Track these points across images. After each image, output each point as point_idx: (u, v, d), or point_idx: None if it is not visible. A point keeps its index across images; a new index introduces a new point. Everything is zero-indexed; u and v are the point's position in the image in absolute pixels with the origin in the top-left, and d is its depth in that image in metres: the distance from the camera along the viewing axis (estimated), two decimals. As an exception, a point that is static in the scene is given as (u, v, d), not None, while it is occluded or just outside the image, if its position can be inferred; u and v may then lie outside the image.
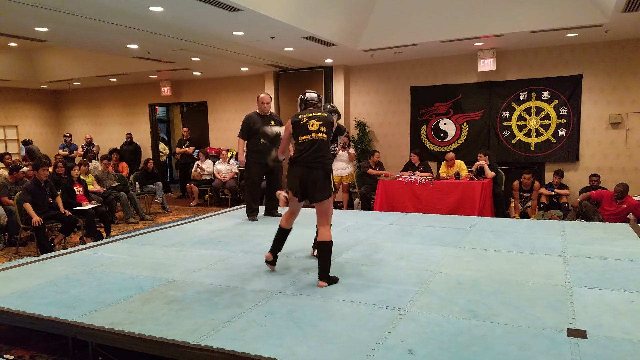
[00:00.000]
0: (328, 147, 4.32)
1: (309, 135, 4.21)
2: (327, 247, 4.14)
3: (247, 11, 6.19)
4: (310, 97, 4.52)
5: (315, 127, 4.23)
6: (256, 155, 6.81)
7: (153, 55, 9.46)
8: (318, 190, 4.16)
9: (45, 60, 12.21)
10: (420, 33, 8.32)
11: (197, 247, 5.52)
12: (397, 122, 10.69)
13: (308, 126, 4.23)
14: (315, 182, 4.15)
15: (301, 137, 4.23)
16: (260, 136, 4.93)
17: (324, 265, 4.15)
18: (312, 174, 4.16)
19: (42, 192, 6.95)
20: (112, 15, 6.43)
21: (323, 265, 4.14)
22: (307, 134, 4.21)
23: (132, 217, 9.10)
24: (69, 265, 4.89)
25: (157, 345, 3.11)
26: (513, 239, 5.57)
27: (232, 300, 3.78)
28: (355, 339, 3.06)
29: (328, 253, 4.15)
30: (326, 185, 4.18)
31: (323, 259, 4.14)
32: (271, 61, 10.21)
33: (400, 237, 5.81)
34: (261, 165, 6.84)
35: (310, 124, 4.23)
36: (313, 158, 4.17)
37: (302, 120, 4.27)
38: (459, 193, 8.18)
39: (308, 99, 4.52)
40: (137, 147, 13.35)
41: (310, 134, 4.21)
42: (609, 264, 4.52)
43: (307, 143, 4.20)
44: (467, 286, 3.99)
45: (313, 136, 4.20)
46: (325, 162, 4.23)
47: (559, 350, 2.85)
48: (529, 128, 9.38)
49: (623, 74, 8.66)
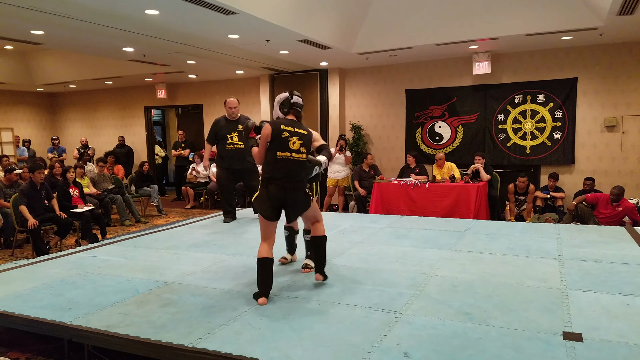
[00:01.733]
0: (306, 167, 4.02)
1: (289, 153, 3.85)
2: (324, 241, 4.15)
3: (242, 14, 6.20)
4: (297, 102, 4.06)
5: (296, 146, 3.87)
6: (222, 160, 6.84)
7: (148, 58, 9.46)
8: (299, 208, 4.03)
9: (41, 63, 12.18)
10: (415, 36, 8.35)
11: (193, 250, 5.51)
12: (392, 125, 10.71)
13: (289, 143, 3.85)
14: (295, 202, 3.96)
15: (280, 153, 3.84)
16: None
17: (323, 258, 4.15)
18: (291, 195, 3.91)
19: (37, 195, 6.93)
20: (107, 18, 6.43)
21: (322, 259, 4.14)
22: (286, 151, 3.84)
23: (128, 219, 9.08)
24: (65, 268, 4.87)
25: (152, 348, 3.11)
26: (508, 242, 5.57)
27: (228, 303, 3.77)
28: (350, 342, 3.06)
29: (325, 247, 4.17)
30: (306, 200, 4.04)
31: (321, 252, 4.14)
32: (266, 64, 10.22)
33: (395, 240, 5.82)
34: (229, 170, 6.88)
35: (292, 141, 3.85)
36: (291, 179, 3.88)
37: (283, 133, 3.84)
38: (454, 196, 8.20)
39: (295, 104, 4.04)
40: (129, 150, 13.34)
41: (291, 154, 3.85)
42: (604, 267, 4.53)
43: (286, 162, 3.85)
44: (462, 289, 3.99)
45: (294, 156, 3.87)
46: (304, 182, 4.03)
47: (554, 353, 2.86)
48: (524, 131, 9.41)
49: (618, 77, 8.70)
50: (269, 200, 3.85)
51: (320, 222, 4.20)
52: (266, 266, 3.86)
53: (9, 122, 14.19)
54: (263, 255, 3.85)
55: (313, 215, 4.19)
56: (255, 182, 7.12)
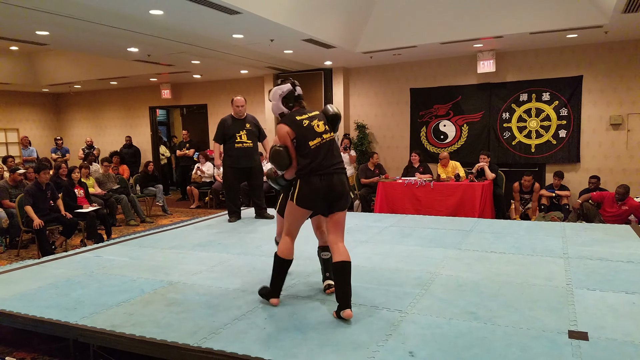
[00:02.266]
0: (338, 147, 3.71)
1: (320, 138, 3.52)
2: (349, 268, 3.44)
3: (247, 14, 6.21)
4: (301, 93, 3.71)
5: (322, 128, 3.56)
6: (230, 159, 6.84)
7: (153, 58, 9.48)
8: (345, 197, 3.55)
9: (46, 64, 12.23)
10: (420, 35, 8.33)
11: (197, 250, 5.51)
12: (396, 123, 10.70)
13: (314, 128, 3.53)
14: (342, 189, 3.53)
15: (312, 142, 3.49)
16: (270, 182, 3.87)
17: (348, 289, 3.41)
18: (336, 181, 3.51)
19: (43, 195, 6.96)
20: (112, 18, 6.45)
21: (347, 290, 3.40)
22: (317, 137, 3.50)
23: (133, 219, 9.10)
24: (70, 268, 4.89)
25: (158, 347, 3.11)
26: (513, 241, 5.56)
27: (233, 303, 3.77)
28: (355, 341, 3.05)
29: (350, 274, 3.45)
30: (349, 190, 3.63)
31: (346, 282, 3.41)
32: (271, 64, 10.23)
33: (400, 239, 5.81)
34: (236, 170, 6.88)
35: (316, 125, 3.54)
36: (332, 163, 3.53)
37: (303, 122, 3.53)
38: (459, 195, 8.18)
39: (300, 96, 3.70)
40: (136, 150, 13.37)
41: (321, 136, 3.53)
42: (610, 265, 4.51)
43: (322, 147, 3.51)
44: (467, 288, 3.98)
45: (325, 137, 3.54)
46: (343, 164, 3.65)
47: (560, 352, 2.85)
48: (529, 129, 9.39)
49: (623, 75, 8.66)
50: (314, 191, 3.46)
51: (342, 243, 3.55)
52: (286, 267, 3.64)
53: (15, 122, 14.27)
54: (286, 255, 3.59)
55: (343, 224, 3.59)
56: (260, 181, 7.14)
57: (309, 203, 3.51)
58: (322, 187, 3.47)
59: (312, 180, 3.46)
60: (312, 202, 3.51)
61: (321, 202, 3.51)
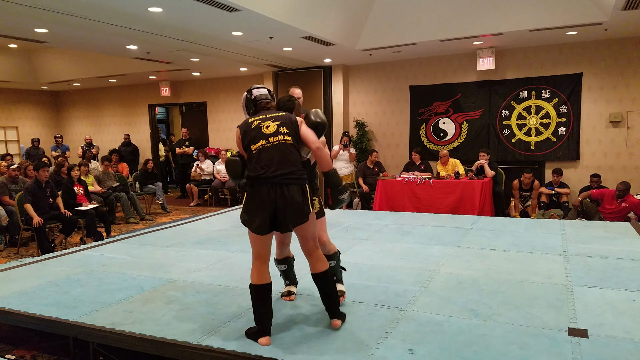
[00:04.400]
0: (298, 153, 3.14)
1: (264, 140, 3.05)
2: (327, 276, 3.18)
3: (246, 11, 6.19)
4: (259, 94, 3.28)
5: (272, 129, 3.07)
6: None
7: (152, 56, 9.46)
8: (299, 211, 3.03)
9: (45, 62, 12.21)
10: (419, 32, 8.32)
11: (197, 247, 5.52)
12: (396, 121, 10.69)
13: (261, 129, 3.08)
14: (289, 203, 2.99)
15: (254, 145, 3.05)
16: None
17: (332, 298, 3.20)
18: (287, 193, 2.99)
19: (42, 193, 6.95)
20: (111, 16, 6.43)
21: (331, 299, 3.20)
22: (261, 140, 3.05)
23: (132, 217, 9.10)
24: (70, 266, 4.89)
25: (157, 345, 3.12)
26: (513, 238, 5.56)
27: (232, 300, 3.78)
28: (355, 339, 3.05)
29: (331, 282, 3.22)
30: (304, 205, 3.04)
31: (327, 291, 3.19)
32: (270, 61, 10.21)
33: (400, 237, 5.81)
34: None
35: (264, 126, 3.09)
36: (283, 172, 3.00)
37: (252, 124, 3.12)
38: (459, 192, 8.18)
39: (257, 98, 3.28)
40: (135, 148, 13.36)
41: (267, 139, 3.05)
42: (609, 263, 4.52)
43: (266, 151, 3.03)
44: (467, 285, 3.99)
45: (271, 141, 3.05)
46: (298, 175, 3.06)
47: (559, 349, 2.85)
48: (529, 127, 9.38)
49: (623, 72, 8.65)
50: (255, 205, 3.01)
51: (316, 252, 3.18)
52: (265, 294, 3.08)
53: (14, 120, 14.24)
54: (259, 280, 3.07)
55: (310, 237, 3.17)
56: None
57: (252, 221, 3.02)
58: (269, 201, 2.97)
59: (257, 192, 3.01)
60: (251, 213, 3.02)
61: (267, 218, 3.00)
